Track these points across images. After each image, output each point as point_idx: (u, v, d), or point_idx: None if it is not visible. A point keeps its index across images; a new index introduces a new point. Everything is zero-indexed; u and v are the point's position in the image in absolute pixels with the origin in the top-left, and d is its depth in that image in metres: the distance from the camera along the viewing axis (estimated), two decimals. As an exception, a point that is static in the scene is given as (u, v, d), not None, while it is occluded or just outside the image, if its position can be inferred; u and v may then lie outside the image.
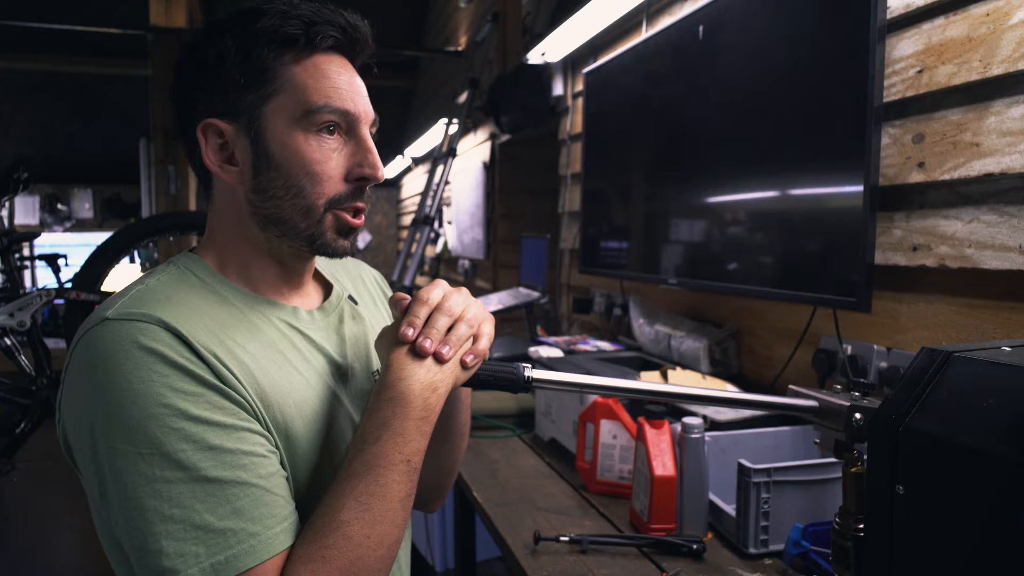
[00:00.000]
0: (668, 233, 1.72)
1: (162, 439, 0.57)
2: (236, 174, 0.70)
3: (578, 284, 2.65)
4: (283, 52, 0.67)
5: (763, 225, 1.37)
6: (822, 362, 1.31)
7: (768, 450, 1.25)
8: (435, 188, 3.52)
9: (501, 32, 3.54)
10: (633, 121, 1.88)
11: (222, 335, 0.64)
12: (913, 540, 0.57)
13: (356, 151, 0.70)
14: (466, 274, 4.53)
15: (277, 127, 0.67)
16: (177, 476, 0.56)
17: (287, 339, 0.71)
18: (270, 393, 0.65)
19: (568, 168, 2.65)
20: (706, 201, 1.55)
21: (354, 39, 0.71)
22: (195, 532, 0.56)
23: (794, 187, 1.30)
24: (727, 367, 1.63)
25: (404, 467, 0.63)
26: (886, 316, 1.24)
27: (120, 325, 0.59)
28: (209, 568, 0.56)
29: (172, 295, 0.65)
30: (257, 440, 0.62)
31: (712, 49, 1.49)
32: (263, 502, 0.59)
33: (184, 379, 0.59)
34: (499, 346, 2.32)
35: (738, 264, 1.45)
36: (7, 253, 2.39)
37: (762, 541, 1.07)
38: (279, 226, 0.70)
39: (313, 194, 0.68)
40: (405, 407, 0.63)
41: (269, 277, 0.74)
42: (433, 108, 5.70)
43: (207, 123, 0.68)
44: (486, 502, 1.31)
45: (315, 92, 0.67)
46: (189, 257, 0.72)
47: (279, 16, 0.67)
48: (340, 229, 0.71)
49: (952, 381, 0.58)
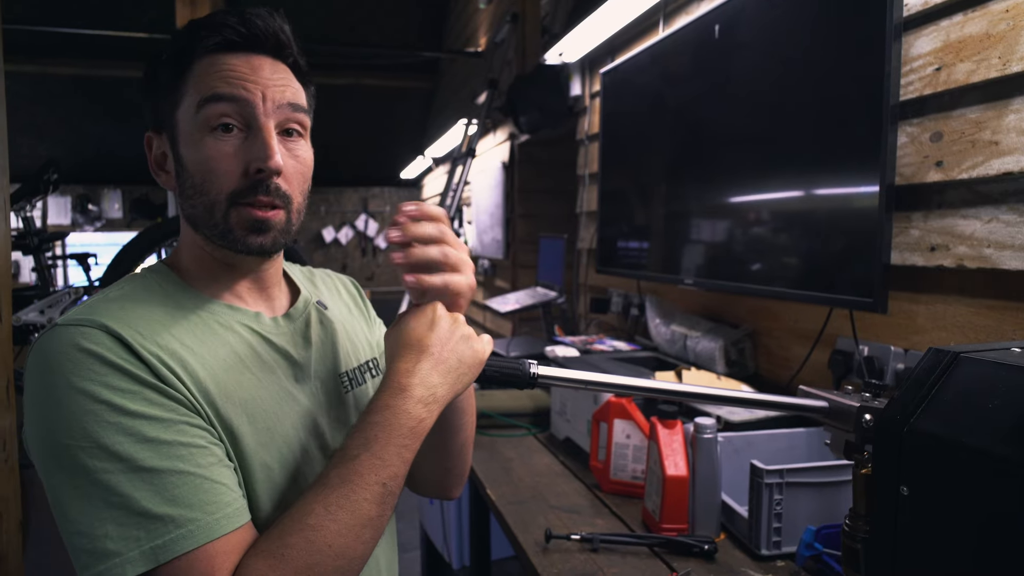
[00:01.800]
0: (684, 233, 1.71)
1: (100, 433, 0.59)
2: (167, 179, 0.75)
3: (596, 284, 2.65)
4: (184, 60, 0.71)
5: (779, 225, 1.36)
6: (838, 363, 1.30)
7: (782, 451, 1.24)
8: (454, 188, 3.54)
9: (520, 33, 3.54)
10: (649, 121, 1.88)
11: (168, 338, 0.67)
12: (917, 542, 0.57)
13: (253, 145, 0.69)
14: (485, 273, 4.55)
15: (184, 130, 0.71)
16: (116, 467, 0.59)
17: (244, 341, 0.74)
18: (215, 392, 0.67)
19: (586, 168, 2.65)
20: (721, 201, 1.54)
21: (250, 35, 0.71)
22: (136, 518, 0.58)
23: (809, 186, 1.29)
24: (743, 368, 1.62)
25: (378, 489, 0.64)
26: (903, 317, 1.22)
27: (66, 330, 0.63)
28: (149, 551, 0.58)
29: (126, 304, 0.68)
30: (197, 432, 0.64)
31: (727, 48, 1.49)
32: (202, 489, 0.61)
33: (121, 378, 0.61)
34: (517, 345, 2.33)
35: (753, 264, 1.44)
36: (38, 252, 2.46)
37: (774, 543, 1.06)
38: (198, 225, 0.73)
39: (213, 190, 0.70)
40: (389, 433, 0.64)
41: (228, 282, 0.77)
42: (453, 109, 5.73)
43: (147, 136, 0.75)
44: (499, 500, 1.32)
45: (203, 85, 0.69)
46: (158, 267, 0.77)
47: (182, 29, 0.72)
48: (246, 224, 0.71)
49: (958, 382, 0.57)
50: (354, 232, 8.85)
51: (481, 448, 1.62)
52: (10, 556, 1.48)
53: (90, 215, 7.69)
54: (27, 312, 2.03)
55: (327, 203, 8.77)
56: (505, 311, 2.69)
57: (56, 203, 7.57)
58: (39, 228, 2.49)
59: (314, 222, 8.71)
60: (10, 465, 1.50)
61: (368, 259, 8.89)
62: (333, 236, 8.74)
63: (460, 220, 5.15)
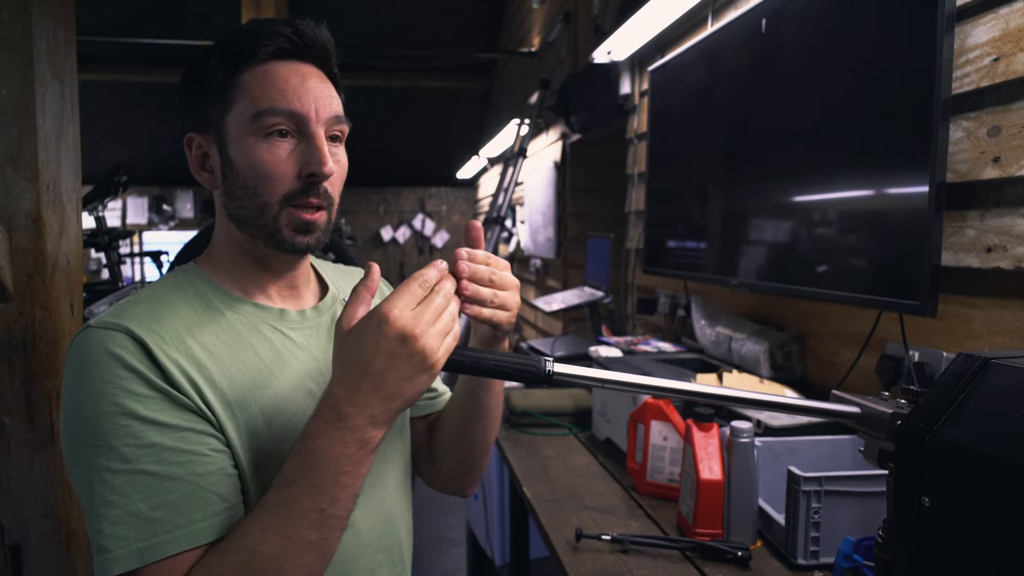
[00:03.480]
0: (730, 233, 1.68)
1: (111, 433, 0.63)
2: (211, 179, 0.77)
3: (644, 284, 2.62)
4: (236, 66, 0.73)
5: (825, 224, 1.32)
6: (887, 369, 1.25)
7: (826, 459, 1.20)
8: (505, 188, 3.56)
9: (572, 32, 3.53)
10: (696, 119, 1.85)
11: (190, 342, 0.70)
12: (939, 555, 0.54)
13: (306, 150, 0.73)
14: (537, 273, 4.56)
15: (235, 134, 0.73)
16: (119, 467, 0.63)
17: (267, 341, 0.76)
18: (231, 395, 0.70)
19: (634, 167, 2.62)
20: (766, 200, 1.50)
21: (302, 45, 0.74)
22: (129, 518, 0.62)
23: (857, 184, 1.24)
24: (790, 371, 1.57)
25: (316, 515, 0.63)
26: (957, 321, 1.16)
27: (96, 332, 0.67)
28: (136, 552, 0.62)
29: (154, 306, 0.71)
30: (200, 440, 0.66)
31: (774, 42, 1.45)
32: (194, 497, 0.64)
33: (137, 382, 0.65)
34: (562, 345, 2.33)
35: (799, 265, 1.40)
36: (108, 250, 2.62)
37: (812, 552, 1.03)
38: (245, 224, 0.75)
39: (266, 192, 0.73)
40: (325, 461, 0.62)
41: (258, 280, 0.80)
42: (508, 109, 5.76)
43: (188, 136, 0.78)
44: (534, 498, 1.33)
45: (260, 97, 0.72)
46: (190, 267, 0.80)
47: (233, 34, 0.74)
48: (295, 225, 0.74)
49: (987, 389, 0.55)
50: (411, 231, 9.01)
51: (521, 446, 1.63)
52: (79, 534, 1.59)
53: (164, 215, 8.11)
54: (99, 305, 2.18)
55: (385, 203, 8.95)
56: (550, 310, 2.68)
57: (134, 203, 8.02)
58: (108, 228, 2.65)
59: (372, 222, 8.92)
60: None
61: (425, 258, 9.04)
62: (391, 235, 8.92)
63: (513, 220, 5.17)
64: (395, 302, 0.62)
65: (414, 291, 0.63)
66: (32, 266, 1.48)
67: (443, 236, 9.07)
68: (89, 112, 6.52)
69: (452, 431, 0.94)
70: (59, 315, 1.53)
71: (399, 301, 0.62)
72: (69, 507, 1.55)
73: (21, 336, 1.48)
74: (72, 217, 1.59)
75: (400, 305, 0.61)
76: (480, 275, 0.70)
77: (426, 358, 0.62)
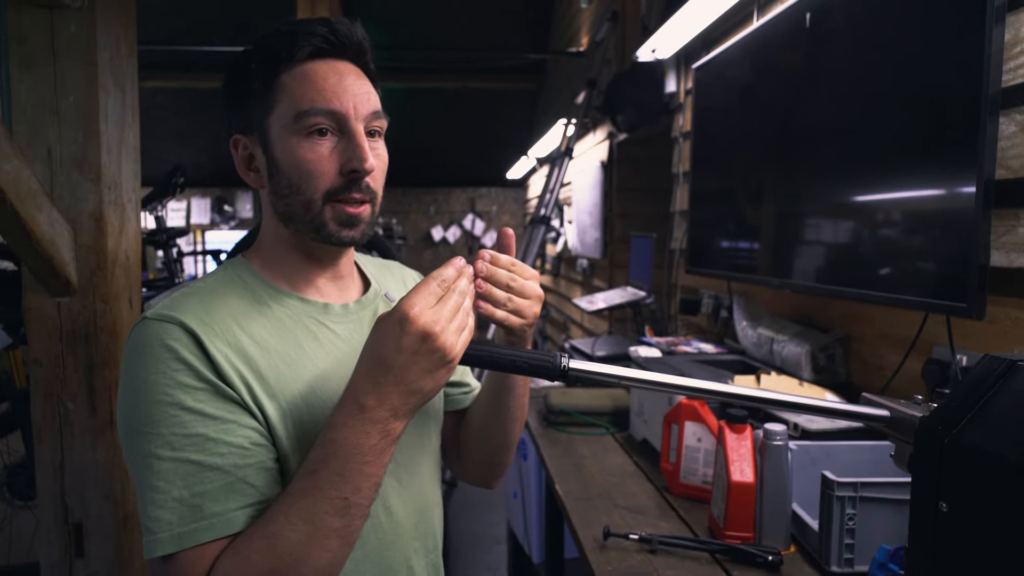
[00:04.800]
0: (771, 233, 1.64)
1: (160, 421, 0.66)
2: (257, 179, 0.80)
3: (688, 284, 2.58)
4: (275, 68, 0.75)
5: (868, 223, 1.28)
6: (933, 373, 1.20)
7: (866, 464, 1.17)
8: (551, 189, 3.56)
9: (620, 31, 3.51)
10: (738, 117, 1.81)
11: (239, 334, 0.73)
12: (957, 563, 0.53)
13: (347, 147, 0.75)
14: (584, 273, 4.54)
15: (278, 134, 0.75)
16: (166, 454, 0.66)
17: (311, 333, 0.79)
18: (276, 385, 0.73)
19: (680, 166, 2.59)
20: (807, 199, 1.47)
21: (338, 43, 0.76)
22: (172, 503, 0.65)
23: (902, 181, 1.20)
24: (833, 374, 1.53)
25: (340, 503, 0.65)
26: (1009, 324, 1.11)
27: (152, 324, 0.70)
28: (177, 535, 0.65)
29: (206, 297, 0.74)
30: (242, 433, 0.69)
31: (818, 37, 1.41)
32: (232, 488, 0.67)
33: (188, 374, 0.68)
34: (602, 344, 2.32)
35: (841, 265, 1.36)
36: (166, 247, 2.75)
37: (846, 560, 1.00)
38: (291, 220, 0.78)
39: (310, 190, 0.75)
40: (348, 451, 0.64)
41: (304, 271, 0.82)
42: (556, 109, 5.76)
43: (234, 138, 0.80)
44: (566, 496, 1.33)
45: (301, 98, 0.74)
46: (239, 261, 0.83)
47: (270, 37, 0.76)
48: (340, 219, 0.76)
49: (1012, 392, 0.53)
50: (461, 231, 9.10)
51: (556, 444, 1.64)
52: (135, 515, 1.67)
53: (226, 215, 8.44)
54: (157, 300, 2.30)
55: (436, 203, 9.07)
56: (591, 310, 2.68)
57: (197, 204, 8.38)
58: (166, 227, 2.79)
59: (423, 222, 9.04)
60: (137, 436, 1.70)
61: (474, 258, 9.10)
62: (442, 235, 9.03)
63: (561, 220, 5.17)
64: (415, 300, 0.64)
65: (433, 289, 0.65)
66: (94, 262, 1.57)
67: (492, 236, 9.13)
68: (156, 117, 6.86)
69: (477, 427, 0.96)
70: (119, 308, 1.62)
71: (419, 300, 0.64)
72: (126, 489, 1.64)
73: (84, 328, 1.57)
74: (132, 216, 1.68)
75: (420, 304, 0.64)
76: (498, 278, 0.73)
77: (445, 354, 0.64)
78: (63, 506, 1.60)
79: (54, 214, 1.49)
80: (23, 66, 1.49)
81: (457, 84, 6.66)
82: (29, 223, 1.40)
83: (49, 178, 1.53)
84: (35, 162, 1.51)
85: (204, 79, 6.23)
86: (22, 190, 1.37)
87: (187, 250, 4.13)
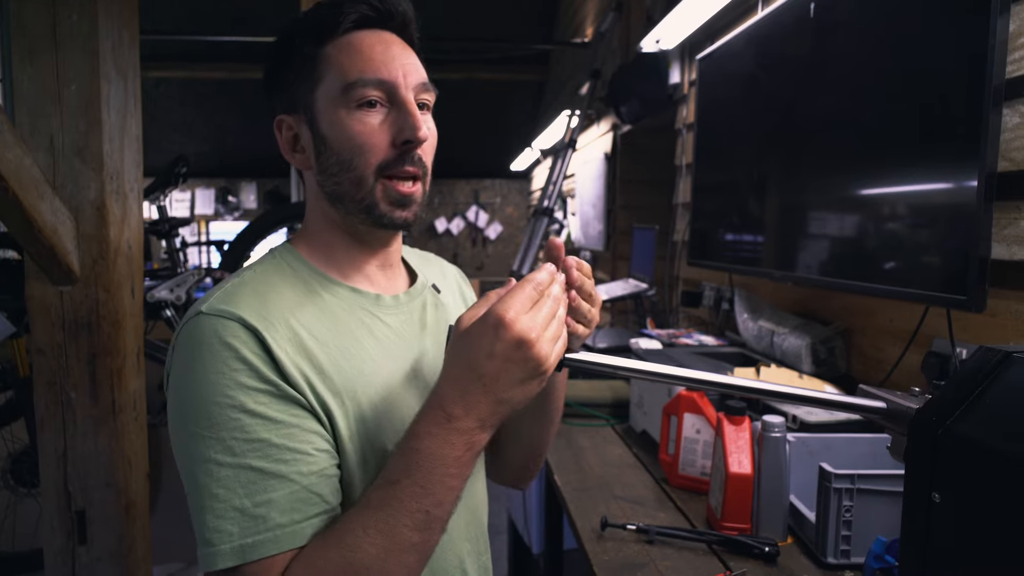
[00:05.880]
0: (772, 226, 1.63)
1: (221, 425, 0.62)
2: (303, 159, 0.76)
3: (690, 277, 2.58)
4: (319, 40, 0.72)
5: (870, 215, 1.27)
6: (932, 366, 1.20)
7: (864, 457, 1.17)
8: (554, 181, 3.55)
9: (624, 22, 3.49)
10: (742, 109, 1.80)
11: (296, 325, 0.68)
12: (949, 555, 0.53)
13: (398, 117, 0.72)
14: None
15: (325, 109, 0.72)
16: (227, 460, 0.62)
17: (366, 327, 0.75)
18: (338, 382, 0.69)
19: (683, 158, 2.58)
20: (811, 192, 1.46)
21: (385, 11, 0.73)
22: (233, 513, 0.61)
23: (903, 173, 1.19)
24: (833, 367, 1.53)
25: (421, 516, 0.61)
26: (1011, 318, 1.11)
27: (209, 320, 0.66)
28: (239, 548, 0.61)
29: (260, 288, 0.70)
30: (306, 438, 0.65)
31: (822, 28, 1.40)
32: (297, 497, 0.63)
33: (250, 375, 0.64)
34: (603, 336, 2.32)
35: (842, 257, 1.35)
36: (169, 237, 2.76)
37: (843, 551, 1.01)
38: (340, 201, 0.74)
39: (361, 164, 0.71)
40: (432, 462, 0.61)
41: (353, 258, 0.78)
42: (561, 101, 5.74)
43: (278, 119, 0.76)
44: (564, 486, 1.34)
45: (349, 69, 0.71)
46: (285, 247, 0.79)
47: (312, 9, 0.73)
48: (392, 199, 0.73)
49: (1007, 384, 0.53)
50: (465, 223, 9.09)
51: (556, 436, 1.64)
52: (138, 503, 1.69)
53: (230, 205, 8.45)
54: (159, 290, 2.30)
55: (440, 194, 9.06)
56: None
57: (202, 195, 8.39)
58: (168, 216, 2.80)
59: (427, 213, 8.99)
60: (140, 423, 1.71)
61: (478, 249, 9.11)
62: (445, 227, 9.03)
63: (564, 212, 5.16)
64: (510, 304, 0.59)
65: (529, 294, 0.61)
66: (96, 251, 1.58)
67: (496, 228, 9.12)
68: (161, 107, 6.86)
69: (513, 428, 0.92)
70: (120, 298, 1.63)
71: (515, 303, 0.60)
72: (128, 478, 1.65)
73: (86, 317, 1.58)
74: (134, 206, 1.69)
75: (516, 308, 0.59)
76: (586, 288, 0.70)
77: (539, 364, 0.60)
78: (66, 494, 1.61)
79: (56, 203, 1.50)
80: (25, 55, 1.49)
81: (463, 75, 6.64)
82: (31, 212, 1.40)
83: (51, 167, 1.53)
84: (37, 151, 1.51)
85: (209, 69, 6.22)
86: (24, 179, 1.38)
87: (191, 240, 4.14)
